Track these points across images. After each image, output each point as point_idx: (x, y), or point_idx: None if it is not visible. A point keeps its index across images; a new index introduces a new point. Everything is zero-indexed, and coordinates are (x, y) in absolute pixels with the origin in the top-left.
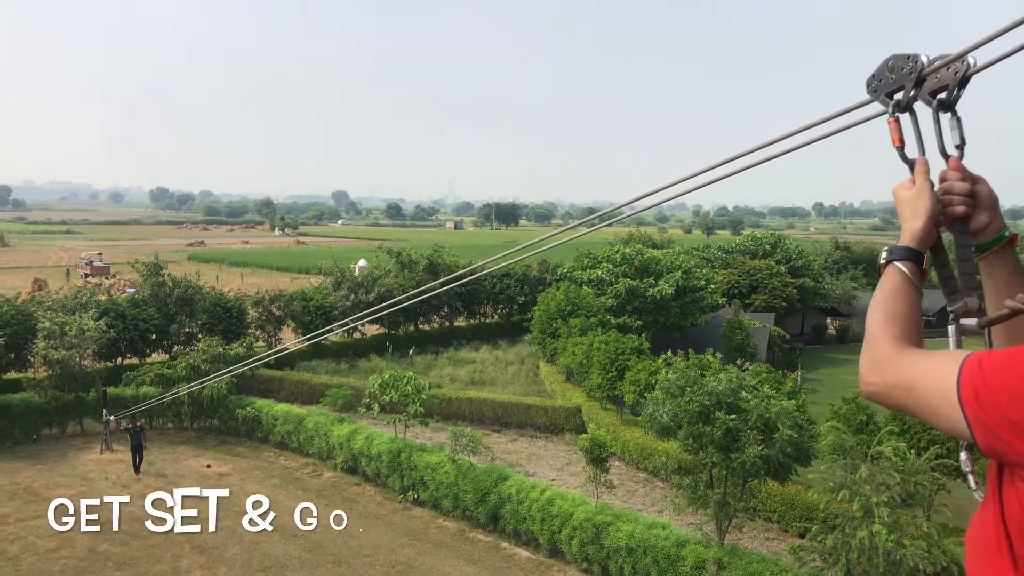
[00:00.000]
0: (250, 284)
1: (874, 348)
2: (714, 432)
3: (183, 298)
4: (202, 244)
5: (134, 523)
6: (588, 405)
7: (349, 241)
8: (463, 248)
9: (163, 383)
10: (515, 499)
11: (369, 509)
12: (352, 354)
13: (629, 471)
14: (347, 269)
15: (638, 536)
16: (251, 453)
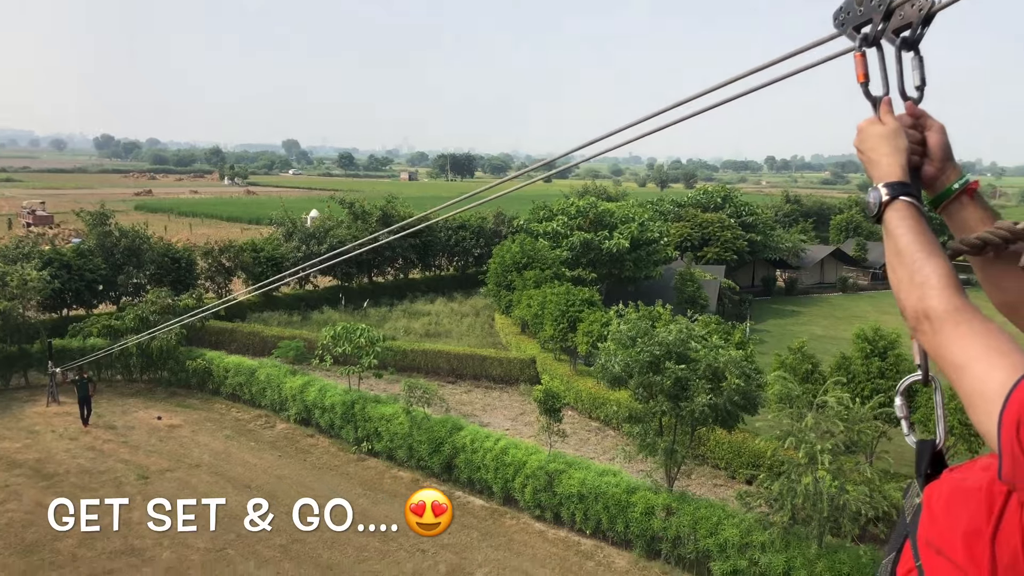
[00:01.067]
0: (199, 235)
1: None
2: (664, 382)
3: (130, 248)
4: (149, 193)
5: (83, 476)
6: (542, 356)
7: (300, 191)
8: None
9: (111, 335)
10: (469, 449)
11: (323, 460)
12: (305, 306)
13: (582, 420)
14: (298, 220)
15: (589, 483)
16: (202, 405)
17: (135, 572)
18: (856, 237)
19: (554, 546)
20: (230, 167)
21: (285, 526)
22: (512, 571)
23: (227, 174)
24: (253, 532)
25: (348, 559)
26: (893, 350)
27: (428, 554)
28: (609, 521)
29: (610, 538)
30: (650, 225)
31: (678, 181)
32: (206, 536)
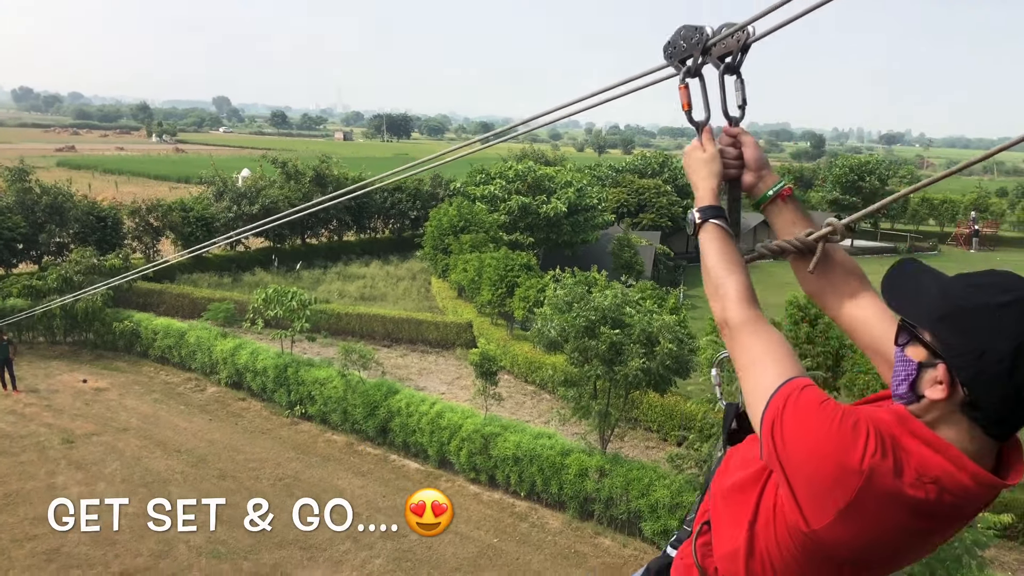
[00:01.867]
0: (126, 193)
1: (726, 302)
2: (599, 346)
3: (52, 206)
4: (72, 149)
5: (3, 439)
6: (479, 321)
7: (232, 150)
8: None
9: (32, 295)
10: (405, 412)
11: (255, 424)
12: (236, 267)
13: (518, 384)
14: (229, 179)
15: (525, 446)
16: (130, 368)
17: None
18: None
19: (489, 508)
20: (158, 124)
21: (216, 490)
22: (447, 533)
23: (155, 131)
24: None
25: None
26: (823, 317)
27: (362, 518)
28: (543, 483)
29: (544, 500)
30: (588, 190)
31: (616, 147)
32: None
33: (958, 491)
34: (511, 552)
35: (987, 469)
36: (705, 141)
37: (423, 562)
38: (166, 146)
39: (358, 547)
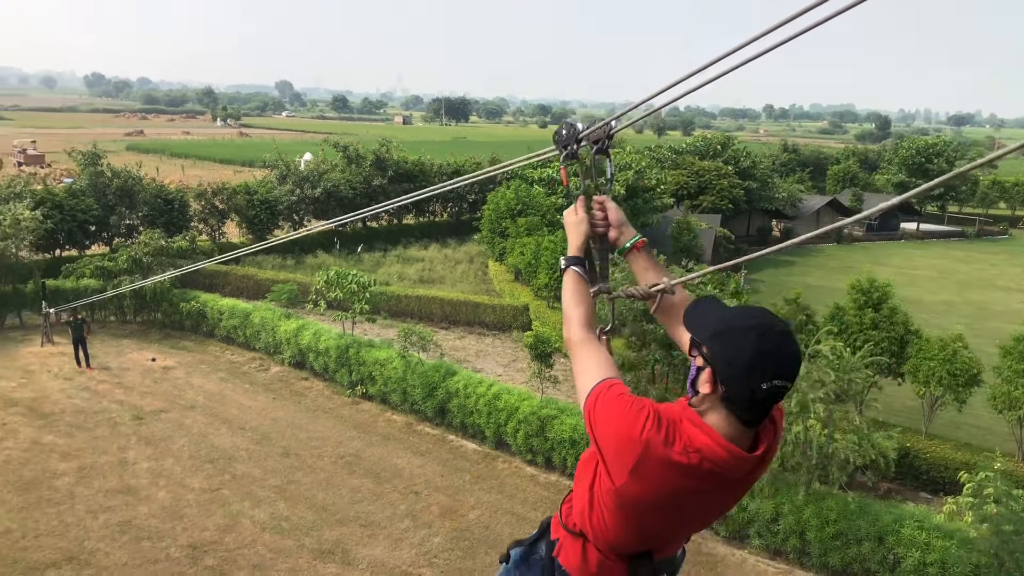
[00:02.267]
0: (192, 176)
1: (570, 326)
2: (657, 331)
3: (123, 189)
4: (141, 134)
5: (78, 415)
6: (535, 304)
7: (294, 134)
8: (411, 143)
9: (104, 275)
10: (462, 394)
11: (317, 403)
12: (299, 250)
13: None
14: (292, 163)
15: (581, 429)
16: (197, 347)
17: (131, 510)
18: (852, 188)
19: (545, 490)
20: (222, 108)
21: (279, 467)
22: (504, 513)
23: (219, 115)
24: (247, 472)
25: (343, 500)
26: (887, 302)
27: (421, 496)
28: None
29: None
30: (647, 172)
31: (676, 128)
32: (201, 476)
33: (715, 459)
34: None
35: (743, 447)
36: (578, 208)
37: (480, 541)
38: (230, 130)
39: (417, 525)
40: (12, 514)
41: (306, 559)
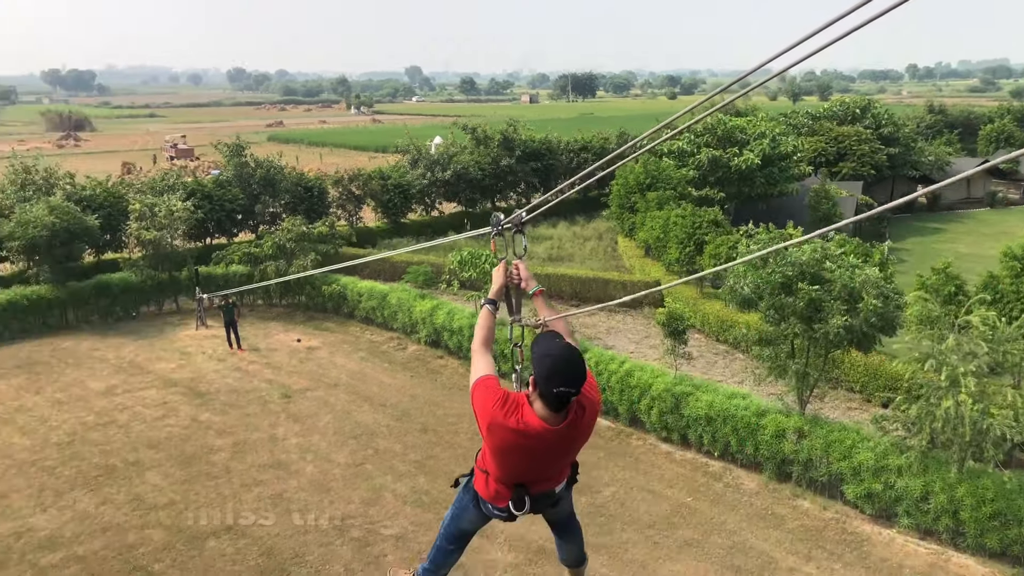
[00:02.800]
0: (329, 164)
1: (474, 342)
2: (796, 303)
3: (266, 178)
4: (280, 124)
5: (232, 394)
6: (667, 279)
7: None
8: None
9: (251, 261)
10: (594, 371)
11: (453, 380)
12: (431, 232)
13: (708, 343)
14: (423, 147)
15: (718, 406)
16: (338, 328)
17: (282, 483)
18: (1007, 148)
19: (681, 467)
20: (356, 96)
21: (419, 443)
22: (639, 490)
23: (353, 103)
24: (388, 447)
25: None
26: None
27: None
28: (738, 443)
29: (739, 460)
30: (782, 140)
31: (812, 94)
32: (345, 451)
33: (533, 428)
34: (705, 511)
35: (553, 423)
36: (503, 265)
37: (616, 518)
38: (363, 117)
39: None
40: (175, 486)
41: None
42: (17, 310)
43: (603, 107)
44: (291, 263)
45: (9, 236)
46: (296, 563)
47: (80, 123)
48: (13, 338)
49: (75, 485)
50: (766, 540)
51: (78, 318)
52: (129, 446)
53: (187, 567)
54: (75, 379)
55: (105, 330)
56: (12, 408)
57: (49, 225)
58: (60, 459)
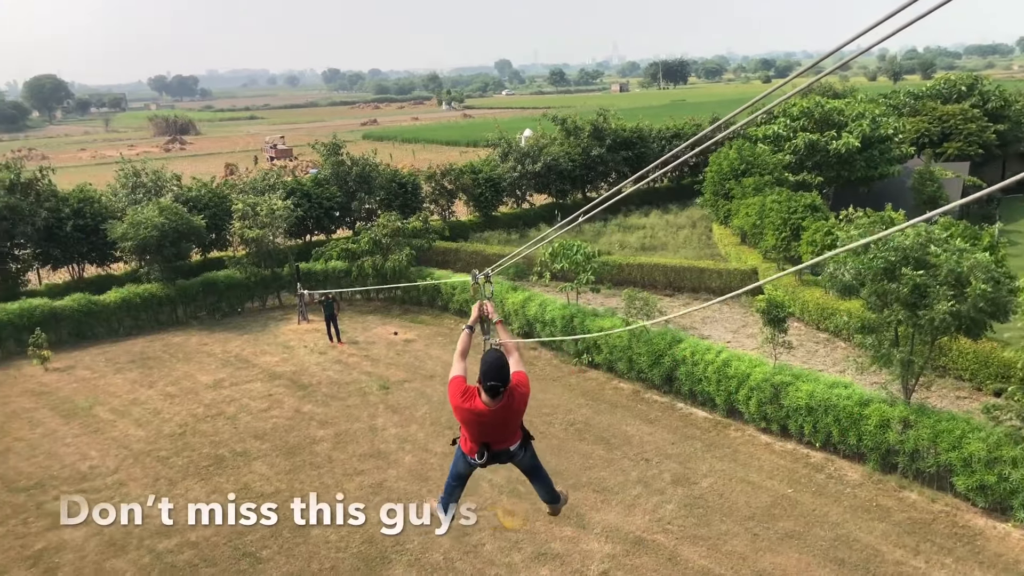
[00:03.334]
0: (422, 160)
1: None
2: (900, 289)
3: (361, 176)
4: (374, 123)
5: (333, 386)
6: (764, 267)
7: (514, 111)
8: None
9: (348, 257)
10: (690, 361)
11: (546, 372)
12: (522, 224)
13: (808, 332)
14: (513, 140)
15: (819, 395)
16: (433, 320)
17: (381, 473)
18: None
19: (782, 458)
20: (447, 92)
21: None
22: (738, 481)
23: (444, 99)
24: None
25: (575, 466)
26: None
27: (652, 463)
28: (840, 434)
29: (841, 451)
30: (883, 121)
31: (914, 72)
32: (442, 441)
33: (479, 409)
34: (807, 503)
35: (492, 406)
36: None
37: (714, 510)
38: (454, 113)
39: (649, 492)
40: (281, 476)
41: (543, 522)
42: (131, 307)
43: (695, 93)
44: (387, 258)
45: (122, 237)
46: (396, 551)
47: (185, 127)
48: (127, 334)
49: (187, 474)
50: (871, 533)
51: (187, 314)
52: (236, 437)
53: (293, 553)
54: (185, 373)
55: (212, 326)
56: (127, 401)
57: (159, 226)
58: (173, 449)
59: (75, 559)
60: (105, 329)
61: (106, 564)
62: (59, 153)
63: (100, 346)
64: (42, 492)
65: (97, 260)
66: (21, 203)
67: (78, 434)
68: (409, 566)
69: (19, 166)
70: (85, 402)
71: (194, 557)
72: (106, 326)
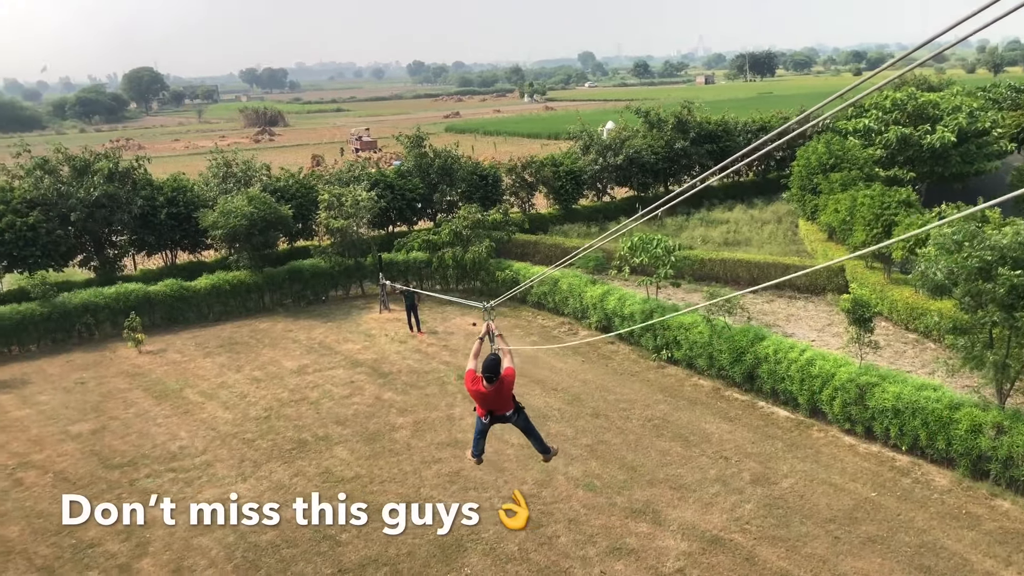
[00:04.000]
0: (503, 152)
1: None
2: (996, 289)
3: (443, 168)
4: (457, 115)
5: (412, 375)
6: (852, 264)
7: (596, 104)
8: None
9: (429, 248)
10: (772, 359)
11: (624, 366)
12: (602, 217)
13: (896, 332)
14: (595, 132)
15: (906, 398)
16: (511, 313)
17: (458, 462)
18: None
19: (866, 461)
20: (529, 84)
21: (590, 427)
22: (820, 483)
23: (526, 91)
24: (560, 431)
25: (652, 462)
26: None
27: (731, 462)
28: (928, 438)
29: (929, 455)
30: (981, 115)
31: (1016, 64)
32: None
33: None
34: (891, 508)
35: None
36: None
37: (795, 511)
38: (536, 105)
39: (728, 491)
40: (361, 461)
41: (618, 517)
42: (220, 294)
43: (782, 86)
44: (467, 249)
45: (213, 225)
46: (472, 540)
47: (274, 118)
48: (217, 319)
49: (271, 457)
50: (959, 541)
51: (273, 301)
52: (319, 422)
53: (371, 538)
54: (271, 358)
55: (297, 313)
56: (216, 384)
57: (248, 215)
58: (258, 432)
59: (164, 535)
60: (195, 314)
61: (193, 541)
62: (154, 143)
63: (190, 330)
64: (134, 470)
65: (189, 247)
66: (119, 191)
67: (168, 415)
68: (484, 555)
69: (117, 156)
70: (176, 384)
71: (276, 538)
72: (196, 311)
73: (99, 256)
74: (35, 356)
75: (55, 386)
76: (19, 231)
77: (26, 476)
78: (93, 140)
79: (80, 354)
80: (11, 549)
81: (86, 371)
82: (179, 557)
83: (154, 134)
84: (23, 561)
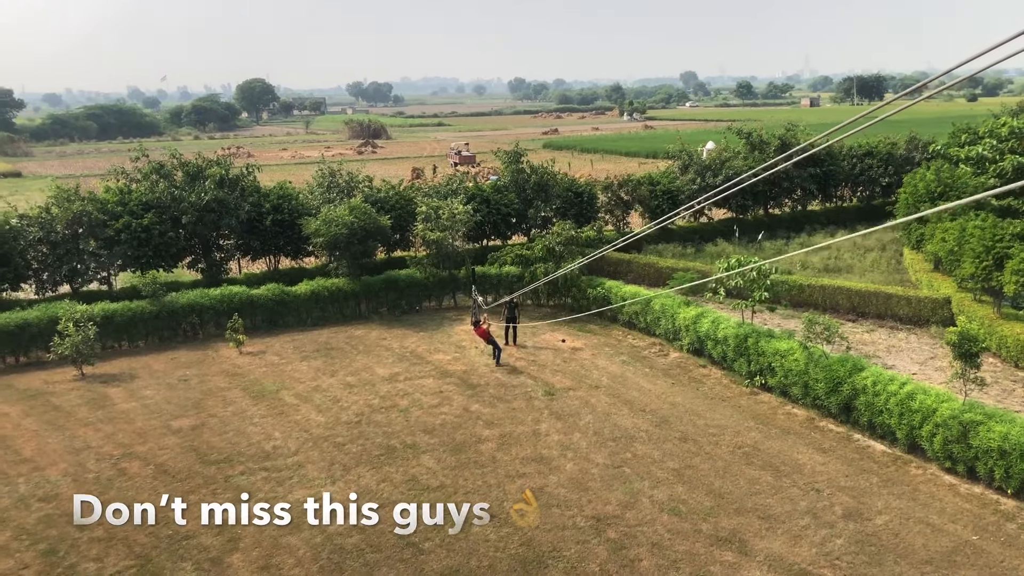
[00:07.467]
0: (600, 170)
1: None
2: None
3: (539, 184)
4: (555, 132)
5: (500, 388)
6: (959, 296)
7: (697, 124)
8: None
9: (522, 263)
10: (871, 391)
11: (715, 391)
12: (699, 238)
13: (1006, 369)
14: (694, 152)
15: (1014, 438)
16: (601, 331)
17: (543, 478)
18: None
19: (967, 502)
20: (629, 103)
21: (677, 451)
22: (916, 522)
23: (626, 110)
24: (647, 453)
25: (740, 490)
26: None
27: (823, 495)
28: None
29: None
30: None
31: None
32: (604, 452)
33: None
34: (994, 553)
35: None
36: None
37: (888, 549)
38: (636, 123)
39: (818, 524)
40: (447, 471)
41: (703, 544)
42: (319, 299)
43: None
44: (559, 266)
45: (315, 233)
46: (553, 557)
47: (377, 131)
48: (315, 324)
49: (360, 462)
50: None
51: (369, 309)
52: (408, 430)
53: (453, 548)
54: (364, 365)
55: (391, 321)
56: (311, 388)
57: (349, 224)
58: (349, 437)
59: (255, 531)
60: (295, 318)
61: (282, 540)
62: (263, 151)
63: (289, 334)
64: (230, 467)
65: (291, 253)
66: (228, 197)
67: (264, 415)
68: (565, 573)
69: (228, 163)
70: (273, 385)
71: (361, 542)
72: (296, 315)
73: (206, 258)
74: (143, 352)
75: (160, 382)
76: (134, 232)
77: (129, 466)
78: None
79: (184, 352)
80: (113, 535)
81: (189, 369)
82: (268, 554)
83: (263, 143)
84: (123, 547)
